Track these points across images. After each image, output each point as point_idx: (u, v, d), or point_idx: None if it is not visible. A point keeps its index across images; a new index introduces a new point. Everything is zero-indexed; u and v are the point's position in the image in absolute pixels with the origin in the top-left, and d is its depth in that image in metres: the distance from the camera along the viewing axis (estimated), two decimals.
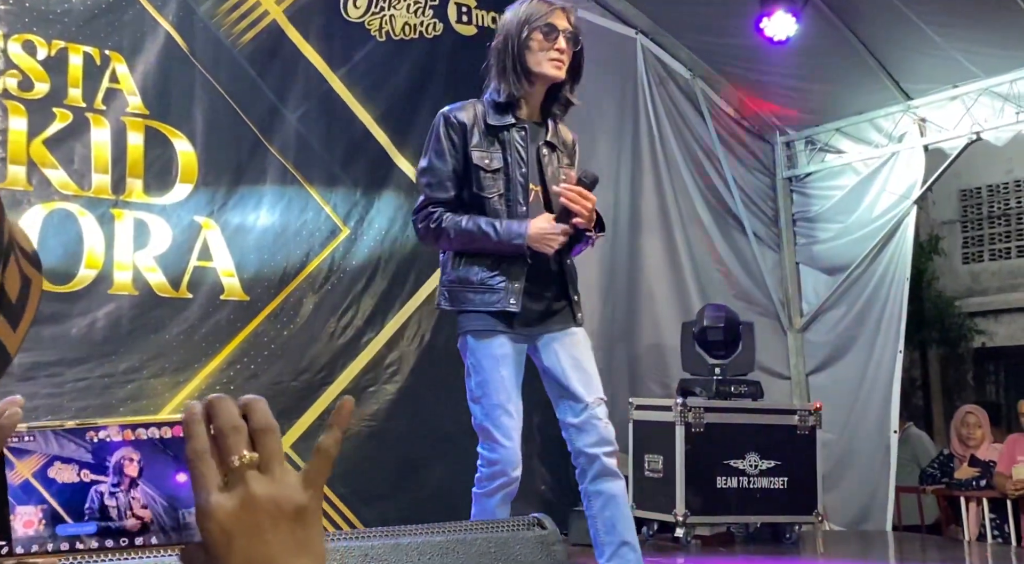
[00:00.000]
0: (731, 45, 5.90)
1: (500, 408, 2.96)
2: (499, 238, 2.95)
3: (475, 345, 3.01)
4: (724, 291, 6.30)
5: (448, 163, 3.03)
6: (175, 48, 4.72)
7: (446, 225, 2.98)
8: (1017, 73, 5.30)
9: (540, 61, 3.03)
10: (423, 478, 5.09)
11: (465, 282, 3.02)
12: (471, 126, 3.05)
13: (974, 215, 8.76)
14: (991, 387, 8.92)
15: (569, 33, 3.04)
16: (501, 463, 2.93)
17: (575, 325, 3.10)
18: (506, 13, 3.15)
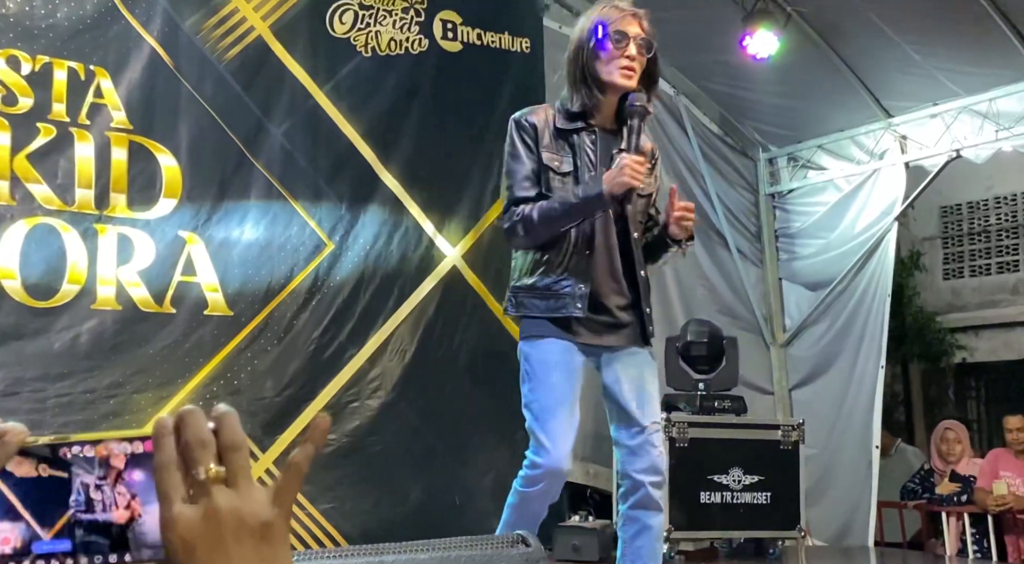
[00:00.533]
0: (714, 62, 5.95)
1: (548, 412, 2.91)
2: (579, 199, 2.89)
3: (529, 351, 2.98)
4: (708, 306, 6.33)
5: (525, 164, 2.99)
6: (160, 63, 4.72)
7: (528, 212, 2.93)
8: (995, 92, 5.36)
9: (610, 70, 2.96)
10: (406, 494, 5.08)
11: (532, 288, 2.99)
12: (542, 128, 3.01)
13: (955, 231, 8.83)
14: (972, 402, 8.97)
15: (641, 39, 2.97)
16: (543, 468, 2.89)
17: (643, 344, 3.05)
18: (579, 20, 3.09)
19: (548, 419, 2.90)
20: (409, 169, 5.30)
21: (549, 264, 2.96)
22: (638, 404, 2.98)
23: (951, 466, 6.16)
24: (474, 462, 5.29)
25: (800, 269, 6.53)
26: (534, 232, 2.93)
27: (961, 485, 5.98)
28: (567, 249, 2.96)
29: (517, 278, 3.03)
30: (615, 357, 3.01)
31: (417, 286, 5.27)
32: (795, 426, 5.32)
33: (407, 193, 5.28)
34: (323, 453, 4.89)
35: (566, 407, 2.92)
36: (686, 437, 5.15)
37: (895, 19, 5.23)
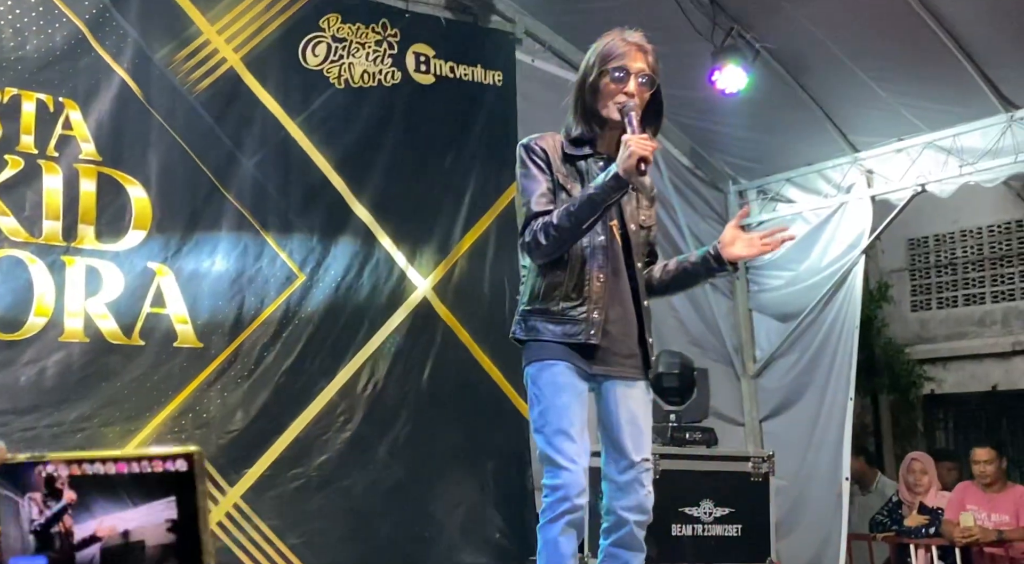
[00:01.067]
0: (684, 96, 6.00)
1: (561, 433, 2.86)
2: (595, 188, 2.85)
3: (537, 374, 2.94)
4: (680, 337, 6.35)
5: (540, 182, 2.96)
6: (130, 95, 4.72)
7: (546, 220, 2.88)
8: (959, 128, 5.44)
9: (608, 106, 2.96)
10: (374, 528, 5.05)
11: (546, 313, 2.95)
12: (552, 152, 2.99)
13: (922, 264, 8.92)
14: (941, 434, 9.02)
15: (644, 75, 2.96)
16: (564, 487, 2.83)
17: (643, 377, 3.03)
18: (592, 46, 3.06)
19: (562, 440, 2.86)
20: (381, 201, 5.31)
21: (564, 288, 2.93)
22: (631, 437, 2.95)
23: (919, 498, 6.19)
24: (444, 495, 5.27)
25: (770, 301, 6.57)
26: (556, 236, 2.87)
27: (929, 517, 6.00)
28: (582, 275, 2.94)
29: (529, 301, 3.00)
30: (615, 387, 2.99)
31: (388, 318, 5.27)
32: (765, 458, 5.33)
33: (378, 225, 5.29)
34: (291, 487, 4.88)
35: (578, 429, 2.89)
36: (658, 469, 5.13)
37: (861, 56, 5.31)
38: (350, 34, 5.34)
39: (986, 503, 5.75)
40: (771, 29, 5.45)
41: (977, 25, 4.93)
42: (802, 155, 6.18)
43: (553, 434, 2.87)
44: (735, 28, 5.46)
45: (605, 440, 3.01)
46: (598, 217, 2.88)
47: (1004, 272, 8.39)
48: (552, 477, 2.87)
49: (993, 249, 8.47)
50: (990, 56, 5.05)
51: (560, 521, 2.84)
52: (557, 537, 2.86)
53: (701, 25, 5.43)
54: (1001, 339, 8.32)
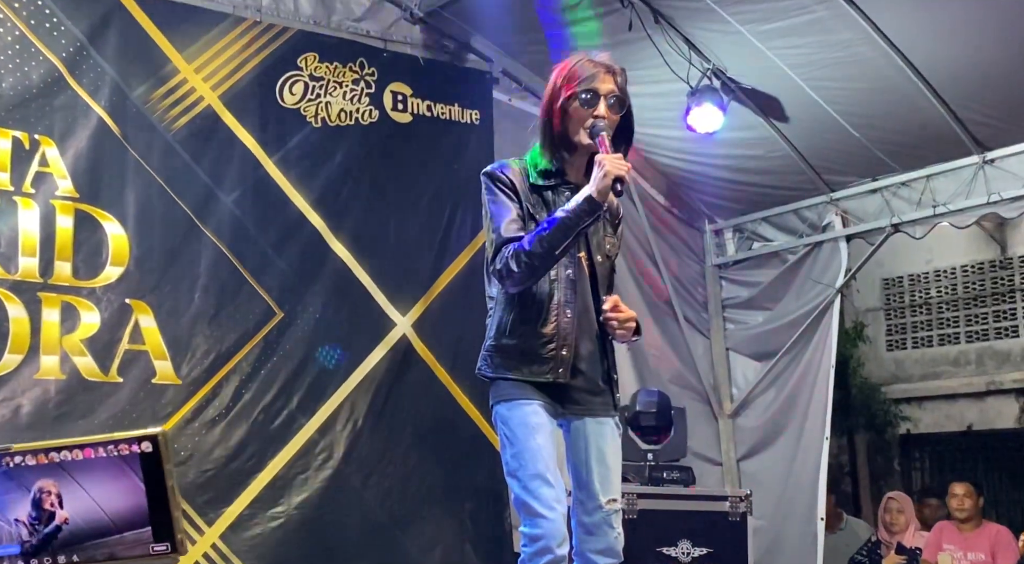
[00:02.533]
0: (660, 136, 6.05)
1: (539, 478, 2.74)
2: (568, 210, 2.74)
3: (507, 415, 2.82)
4: (658, 376, 6.35)
5: (509, 208, 2.85)
6: (107, 132, 4.71)
7: (519, 246, 2.75)
8: (933, 168, 5.51)
9: (578, 130, 2.85)
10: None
11: (511, 349, 2.85)
12: (518, 181, 2.89)
13: (897, 304, 8.99)
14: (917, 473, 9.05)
15: (613, 97, 2.85)
16: (545, 537, 2.70)
17: (611, 414, 2.93)
18: (553, 70, 2.95)
19: (540, 485, 2.74)
20: (359, 238, 5.31)
21: (530, 323, 2.83)
22: (599, 477, 2.87)
23: (896, 537, 6.19)
24: (422, 534, 5.23)
25: (746, 339, 6.59)
26: (528, 263, 2.75)
27: (907, 557, 6.00)
28: (549, 310, 2.84)
29: (496, 337, 2.89)
30: (585, 425, 2.90)
31: (367, 355, 5.24)
32: (743, 497, 5.32)
33: (356, 262, 5.28)
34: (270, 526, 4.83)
35: (553, 472, 2.78)
36: (635, 508, 5.12)
37: (835, 97, 5.38)
38: (327, 73, 5.36)
39: (962, 542, 5.76)
40: (747, 70, 5.52)
41: (950, 67, 5.00)
42: (778, 194, 6.23)
43: (529, 479, 2.75)
44: (711, 69, 5.52)
45: (574, 481, 2.91)
46: (571, 242, 2.78)
47: (978, 312, 8.47)
48: (531, 526, 2.75)
49: (967, 289, 8.56)
50: (962, 98, 5.12)
51: None
52: None
53: (677, 66, 5.48)
54: (976, 379, 8.38)
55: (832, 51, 5.12)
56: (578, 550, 2.89)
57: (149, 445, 0.82)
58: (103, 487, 0.81)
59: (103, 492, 0.81)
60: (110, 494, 0.82)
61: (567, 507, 2.82)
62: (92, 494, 0.81)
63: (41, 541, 0.81)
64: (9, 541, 0.82)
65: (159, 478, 0.81)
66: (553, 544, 2.71)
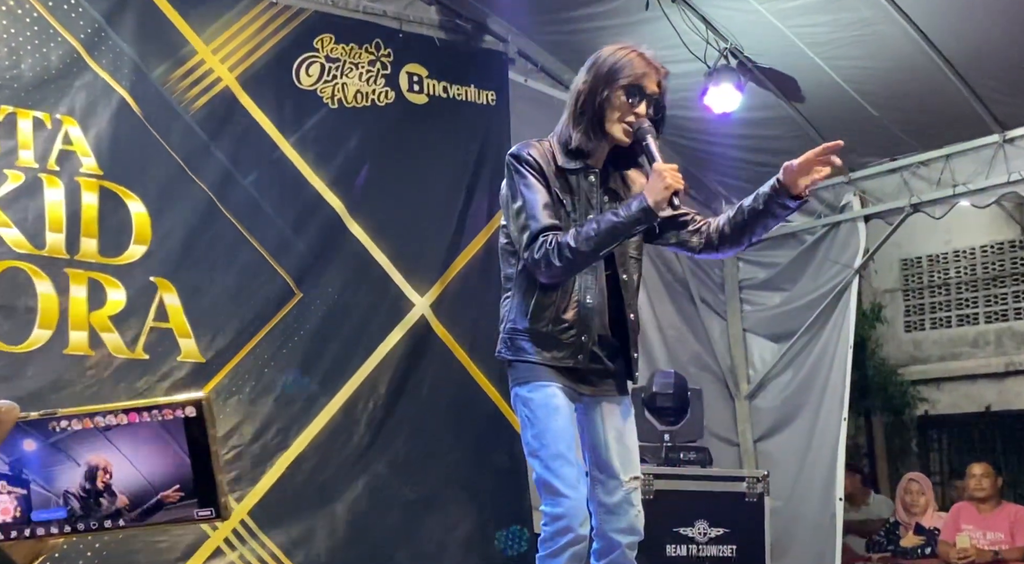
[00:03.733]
0: (677, 117, 6.02)
1: (560, 458, 2.78)
2: (623, 217, 2.75)
3: (528, 396, 2.85)
4: (675, 357, 6.35)
5: (540, 193, 2.84)
6: (129, 112, 4.73)
7: (563, 240, 2.75)
8: (952, 148, 5.47)
9: (614, 123, 2.87)
10: (380, 545, 5.03)
11: (534, 334, 2.86)
12: (544, 164, 2.89)
13: (915, 284, 8.94)
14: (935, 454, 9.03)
15: (656, 101, 2.90)
16: (566, 517, 2.74)
17: (626, 392, 2.97)
18: (601, 53, 2.95)
19: (562, 465, 2.78)
20: (376, 219, 5.31)
21: (554, 309, 2.85)
22: (618, 456, 2.90)
23: (915, 519, 6.19)
24: (445, 512, 5.25)
25: (763, 321, 6.58)
26: (571, 259, 2.75)
27: (925, 538, 6.00)
28: (571, 296, 2.86)
29: (516, 321, 2.90)
30: (600, 406, 2.93)
31: (386, 336, 5.25)
32: (760, 478, 5.32)
33: (374, 243, 5.29)
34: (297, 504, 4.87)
35: (575, 452, 2.82)
36: (652, 489, 5.13)
37: (854, 77, 5.35)
38: (343, 54, 5.35)
39: (981, 522, 5.75)
40: (764, 49, 5.48)
41: (969, 46, 4.96)
42: None
43: (551, 459, 2.79)
44: (728, 48, 5.49)
45: (592, 460, 2.94)
46: (617, 245, 2.81)
47: (997, 292, 8.42)
48: (552, 505, 2.78)
49: (986, 269, 8.51)
50: (982, 77, 5.08)
51: (563, 555, 2.76)
52: None
53: (694, 45, 5.45)
54: (994, 359, 8.34)
55: (851, 30, 5.08)
56: (599, 530, 2.91)
57: (193, 410, 0.84)
58: (147, 451, 0.83)
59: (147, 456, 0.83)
60: (154, 458, 0.84)
61: (587, 487, 2.85)
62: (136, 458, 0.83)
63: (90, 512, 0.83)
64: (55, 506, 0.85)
65: (203, 443, 0.83)
66: (575, 524, 2.74)
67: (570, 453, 2.80)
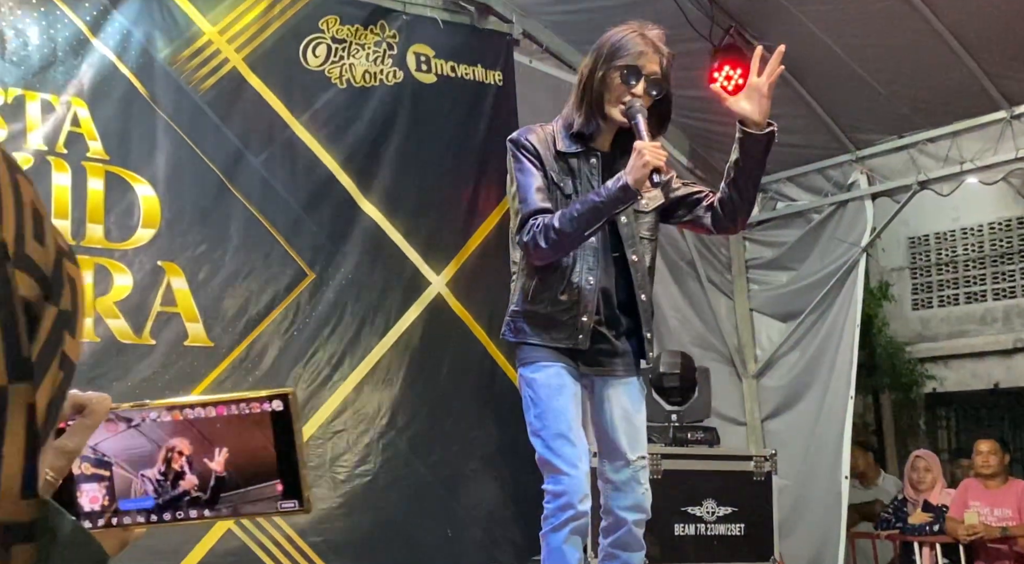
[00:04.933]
0: (683, 96, 6.00)
1: (561, 437, 2.82)
2: (603, 196, 2.76)
3: (531, 377, 2.89)
4: (682, 337, 6.36)
5: (535, 177, 2.87)
6: (136, 94, 4.72)
7: (549, 221, 2.78)
8: (959, 125, 5.46)
9: (612, 104, 2.87)
10: (396, 526, 4.99)
11: (534, 315, 2.90)
12: (542, 149, 2.91)
13: (923, 262, 8.93)
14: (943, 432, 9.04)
15: (654, 78, 2.87)
16: (567, 494, 2.79)
17: (636, 373, 2.98)
18: (607, 34, 2.95)
19: (562, 444, 2.82)
20: (389, 198, 5.30)
21: (552, 290, 2.88)
22: (626, 435, 2.92)
23: (923, 495, 6.20)
24: (465, 492, 5.24)
25: (771, 300, 6.58)
26: (556, 240, 2.79)
27: (933, 515, 6.02)
28: (571, 278, 2.88)
29: (518, 303, 2.95)
30: (608, 385, 2.95)
31: (402, 315, 5.23)
32: (767, 457, 5.34)
33: (388, 221, 5.27)
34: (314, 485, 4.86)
35: (576, 431, 2.85)
36: (660, 469, 5.15)
37: (861, 53, 5.33)
38: (349, 35, 5.35)
39: (988, 498, 5.76)
40: (770, 27, 5.46)
41: (976, 22, 4.94)
42: (803, 153, 6.19)
43: (552, 438, 2.83)
44: (734, 27, 5.48)
45: (600, 439, 2.98)
46: (603, 224, 2.82)
47: (1005, 269, 8.41)
48: (554, 483, 2.83)
49: (994, 247, 8.49)
50: (989, 53, 5.06)
51: (564, 529, 2.80)
52: (562, 546, 2.82)
53: (700, 24, 5.43)
54: (1002, 336, 8.34)
55: (857, 6, 5.07)
56: (607, 507, 2.96)
57: (280, 403, 0.86)
58: (234, 443, 0.86)
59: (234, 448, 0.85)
60: (241, 451, 0.86)
61: (589, 465, 2.87)
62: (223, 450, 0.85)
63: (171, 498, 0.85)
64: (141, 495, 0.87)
65: (288, 436, 0.85)
66: (575, 500, 2.79)
67: (571, 432, 2.83)
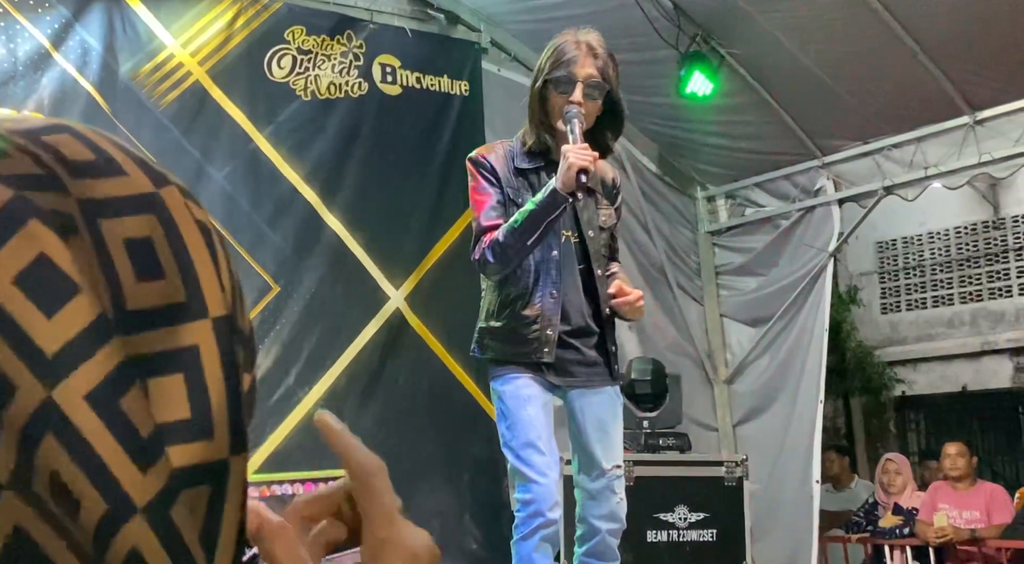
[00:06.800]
0: (651, 103, 6.04)
1: (530, 446, 2.84)
2: (536, 203, 2.78)
3: (501, 390, 2.91)
4: (654, 344, 6.37)
5: (490, 195, 2.90)
6: (97, 109, 4.68)
7: (494, 236, 2.83)
8: (923, 130, 5.50)
9: (556, 116, 2.87)
10: None
11: (499, 331, 2.92)
12: (500, 166, 2.93)
13: (891, 266, 8.99)
14: (913, 435, 9.10)
15: (592, 82, 2.85)
16: (536, 501, 2.80)
17: (610, 383, 3.00)
18: (546, 47, 2.97)
19: (531, 453, 2.83)
20: (352, 211, 5.30)
21: (514, 305, 2.89)
22: (601, 446, 2.94)
23: (893, 498, 6.24)
24: (421, 506, 5.24)
25: (740, 305, 6.61)
26: (503, 253, 2.82)
27: (904, 518, 6.05)
28: (533, 292, 2.89)
29: (484, 319, 2.97)
30: (582, 395, 2.97)
31: (362, 328, 5.25)
32: (739, 462, 5.35)
33: (350, 235, 5.27)
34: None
35: (545, 440, 2.86)
36: (632, 476, 5.14)
37: (825, 60, 5.36)
38: (315, 46, 5.33)
39: (957, 501, 5.80)
40: (736, 35, 5.50)
41: (940, 29, 4.98)
42: (769, 160, 6.22)
43: (521, 447, 2.85)
44: (700, 34, 5.50)
45: (576, 449, 3.00)
46: (544, 231, 2.82)
47: (972, 273, 8.48)
48: (523, 491, 2.84)
49: (960, 250, 8.56)
50: (952, 59, 5.11)
51: (534, 537, 2.81)
52: (531, 554, 2.83)
53: (666, 32, 5.45)
54: (970, 339, 8.40)
55: (822, 13, 5.10)
56: (581, 516, 2.97)
57: None
58: None
59: None
60: None
61: (559, 474, 2.90)
62: None
63: None
64: None
65: None
66: (544, 508, 2.80)
67: (540, 441, 2.85)
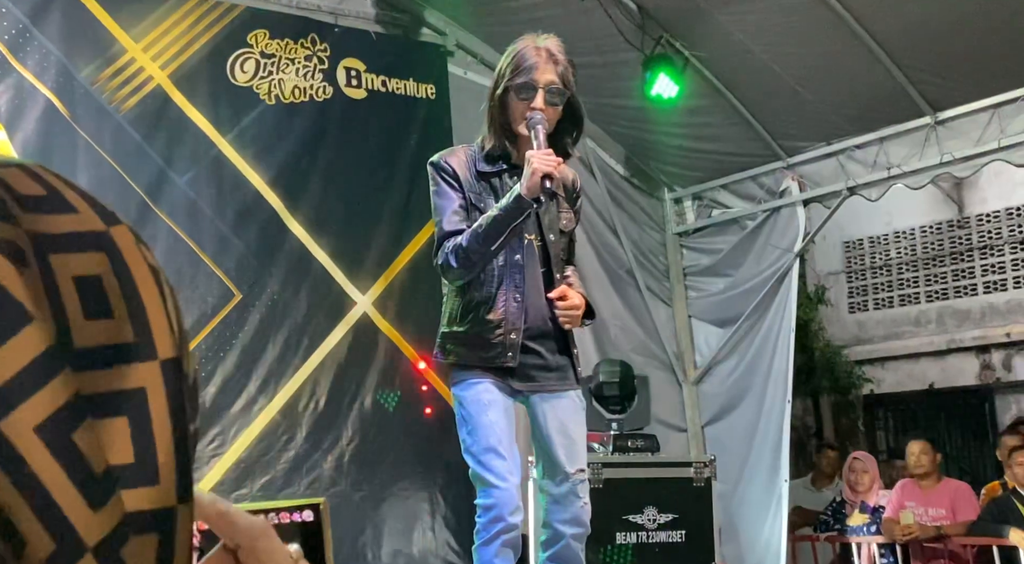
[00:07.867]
0: (617, 106, 6.05)
1: (490, 451, 2.83)
2: (500, 208, 2.79)
3: (461, 395, 2.91)
4: (622, 345, 6.37)
5: (452, 199, 2.90)
6: (56, 114, 4.63)
7: (457, 241, 2.83)
8: (886, 131, 5.54)
9: (518, 122, 2.88)
10: None
11: (462, 336, 2.91)
12: (461, 170, 2.92)
13: (858, 266, 9.06)
14: (881, 433, 9.17)
15: (553, 88, 2.85)
16: (497, 506, 2.80)
17: (572, 387, 2.99)
18: (505, 52, 2.98)
19: (492, 458, 2.83)
20: (316, 217, 5.27)
21: (477, 310, 2.89)
22: (564, 450, 2.93)
23: (861, 496, 6.28)
24: (393, 510, 5.23)
25: (708, 306, 6.63)
26: (467, 258, 2.82)
27: (870, 516, 6.09)
28: (496, 297, 2.88)
29: (447, 324, 2.97)
30: (544, 400, 2.96)
31: (328, 334, 5.21)
32: (707, 462, 5.36)
33: (314, 241, 5.25)
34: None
35: (506, 445, 2.86)
36: (600, 478, 5.15)
37: (788, 62, 5.39)
38: (279, 50, 5.30)
39: (923, 499, 5.84)
40: (700, 38, 5.51)
41: (901, 30, 5.02)
42: (735, 161, 6.25)
43: (482, 453, 2.84)
44: (664, 37, 5.52)
45: (539, 453, 3.00)
46: (508, 237, 2.83)
47: (937, 271, 8.56)
48: (484, 496, 2.84)
49: (926, 249, 8.64)
50: (913, 60, 5.15)
51: (495, 542, 2.81)
52: (492, 559, 2.82)
53: (631, 35, 5.47)
54: (936, 337, 8.48)
55: (783, 15, 5.13)
56: (546, 520, 2.97)
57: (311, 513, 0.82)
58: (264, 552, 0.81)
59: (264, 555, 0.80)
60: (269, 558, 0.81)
61: (520, 478, 2.90)
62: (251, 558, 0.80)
63: None
64: None
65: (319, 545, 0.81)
66: (505, 512, 2.80)
67: (500, 446, 2.84)
